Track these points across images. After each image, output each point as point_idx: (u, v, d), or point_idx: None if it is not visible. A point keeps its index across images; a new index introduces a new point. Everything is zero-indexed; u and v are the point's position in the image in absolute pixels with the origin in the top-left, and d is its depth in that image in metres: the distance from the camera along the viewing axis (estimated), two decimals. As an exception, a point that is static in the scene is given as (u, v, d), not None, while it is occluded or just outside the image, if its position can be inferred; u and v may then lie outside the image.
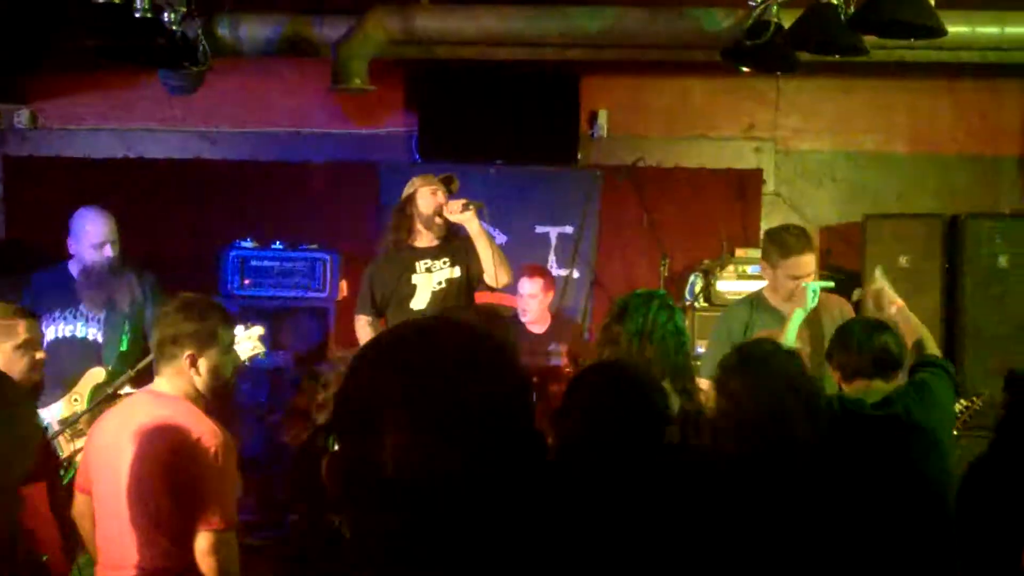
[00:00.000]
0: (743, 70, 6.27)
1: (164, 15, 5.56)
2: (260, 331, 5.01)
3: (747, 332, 5.17)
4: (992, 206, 8.00)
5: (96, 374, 5.52)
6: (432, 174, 6.11)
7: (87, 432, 4.15)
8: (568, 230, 7.96)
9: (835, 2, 5.27)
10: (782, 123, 8.28)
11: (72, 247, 5.74)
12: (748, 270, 7.21)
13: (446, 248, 5.98)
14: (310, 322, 6.96)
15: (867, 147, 8.28)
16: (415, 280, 5.93)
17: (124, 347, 5.63)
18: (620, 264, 7.98)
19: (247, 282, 7.00)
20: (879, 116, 8.26)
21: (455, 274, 5.95)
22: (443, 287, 5.92)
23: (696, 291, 7.28)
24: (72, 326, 5.70)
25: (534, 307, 6.66)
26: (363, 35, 6.86)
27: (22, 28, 6.76)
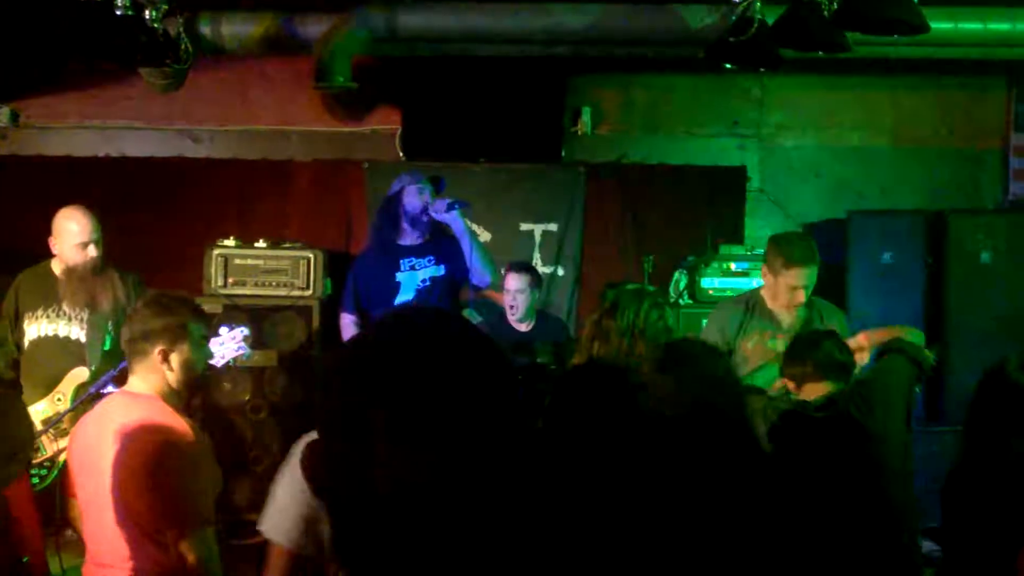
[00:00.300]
0: (727, 67, 6.27)
1: (145, 13, 5.53)
2: (245, 332, 5.01)
3: (740, 332, 5.18)
4: (976, 202, 8.04)
5: (79, 373, 5.50)
6: (418, 172, 6.11)
7: (70, 432, 4.13)
8: (552, 227, 7.95)
9: (818, -1, 5.28)
10: (766, 120, 8.29)
11: (55, 246, 5.70)
12: (732, 267, 7.22)
13: (431, 246, 5.99)
14: (294, 321, 6.94)
15: (851, 143, 8.30)
16: (399, 278, 5.94)
17: (107, 346, 5.60)
18: (605, 261, 7.96)
19: (231, 281, 6.98)
20: (863, 112, 8.28)
21: (440, 272, 5.96)
22: (428, 285, 5.93)
23: (680, 288, 7.28)
24: (55, 325, 5.67)
25: (521, 303, 6.63)
26: (346, 33, 6.86)
27: (2, 27, 6.72)
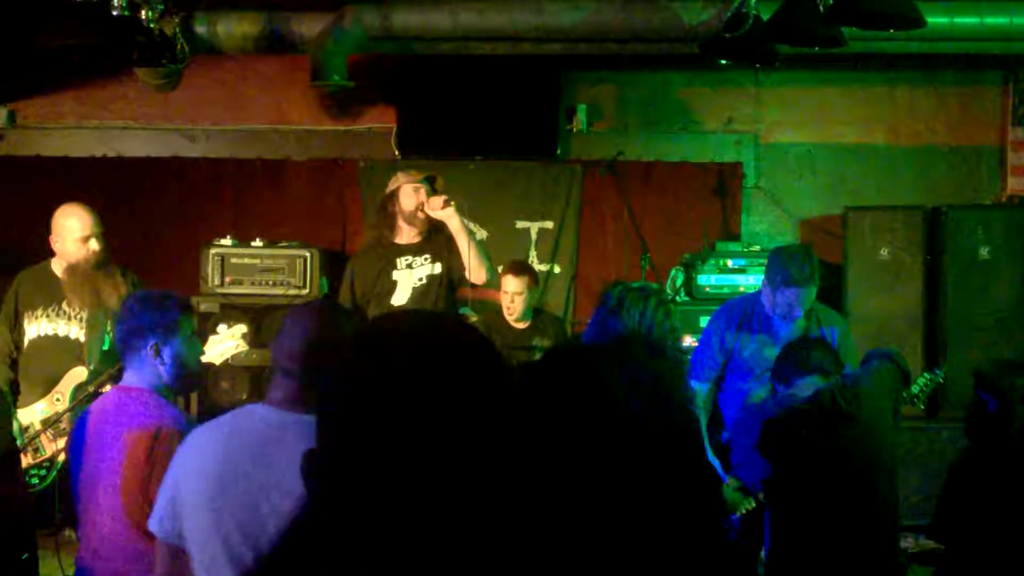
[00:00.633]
0: (722, 63, 6.28)
1: (142, 13, 5.54)
2: (243, 329, 5.00)
3: (738, 333, 5.18)
4: (973, 197, 8.04)
5: (78, 373, 5.50)
6: (415, 171, 6.11)
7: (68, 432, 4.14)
8: (548, 225, 7.96)
9: (813, -6, 5.29)
10: (762, 116, 8.28)
11: (55, 244, 5.65)
12: (729, 263, 7.23)
13: (427, 245, 5.99)
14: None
15: (847, 139, 8.28)
16: (396, 276, 5.93)
17: (106, 346, 5.59)
18: (601, 258, 7.98)
19: (227, 280, 6.99)
20: (859, 108, 8.27)
21: (436, 270, 5.95)
22: (424, 283, 5.93)
23: (677, 285, 7.29)
24: (55, 324, 5.66)
25: (519, 304, 6.62)
26: (341, 32, 6.86)
27: (-1, 27, 6.72)
